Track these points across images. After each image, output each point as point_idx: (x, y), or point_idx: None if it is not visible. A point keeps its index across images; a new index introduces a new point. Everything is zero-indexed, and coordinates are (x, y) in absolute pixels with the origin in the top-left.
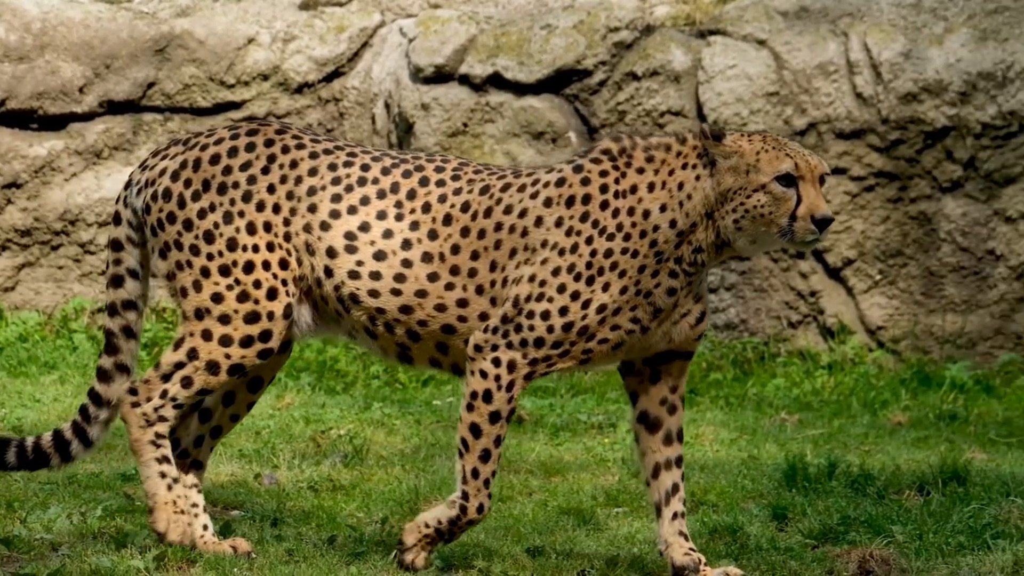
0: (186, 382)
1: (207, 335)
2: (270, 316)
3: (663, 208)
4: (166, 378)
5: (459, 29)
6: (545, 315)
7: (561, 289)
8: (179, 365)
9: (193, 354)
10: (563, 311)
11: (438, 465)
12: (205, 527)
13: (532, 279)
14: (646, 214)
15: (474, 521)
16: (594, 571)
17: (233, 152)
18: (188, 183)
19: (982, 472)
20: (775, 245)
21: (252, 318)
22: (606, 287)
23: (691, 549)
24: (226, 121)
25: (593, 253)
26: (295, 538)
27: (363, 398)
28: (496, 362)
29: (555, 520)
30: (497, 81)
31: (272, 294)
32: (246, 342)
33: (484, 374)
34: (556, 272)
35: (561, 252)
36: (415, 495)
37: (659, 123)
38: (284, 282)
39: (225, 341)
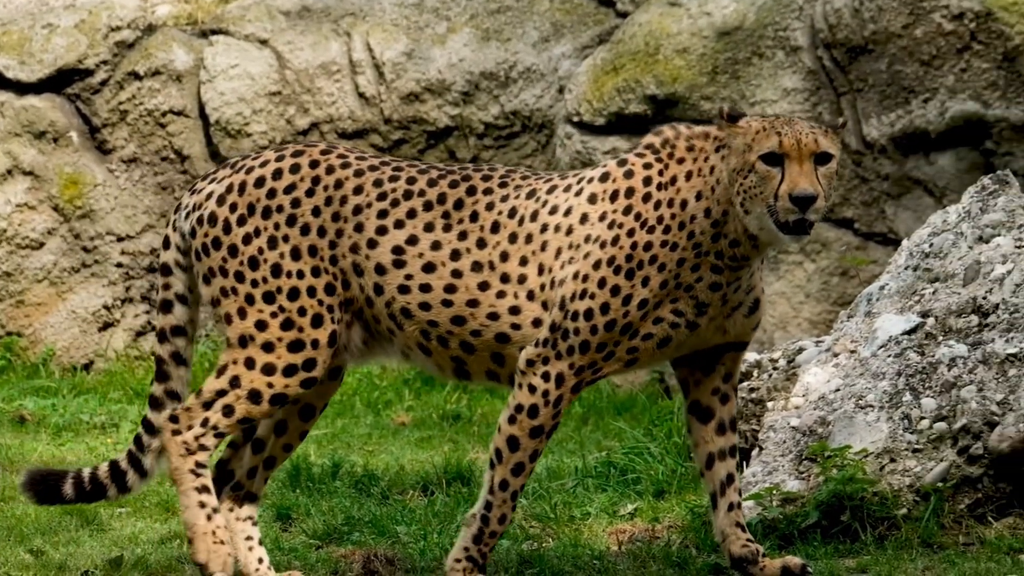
0: (228, 410)
1: (250, 363)
2: (315, 344)
3: (699, 196)
4: (207, 406)
5: None
6: (588, 315)
7: (602, 284)
8: (221, 393)
9: (235, 382)
10: (604, 308)
11: None
12: (260, 560)
13: (576, 276)
14: (683, 204)
15: (496, 532)
16: (98, 571)
17: (278, 174)
18: (234, 207)
19: None
20: (775, 233)
21: (296, 346)
22: (645, 281)
23: (749, 540)
24: None
25: (634, 246)
26: None
27: None
28: (546, 376)
29: (58, 521)
30: None
31: (317, 321)
32: (289, 371)
33: (533, 388)
34: (596, 266)
35: (601, 245)
36: None
37: (161, 123)
38: (330, 308)
39: (268, 370)
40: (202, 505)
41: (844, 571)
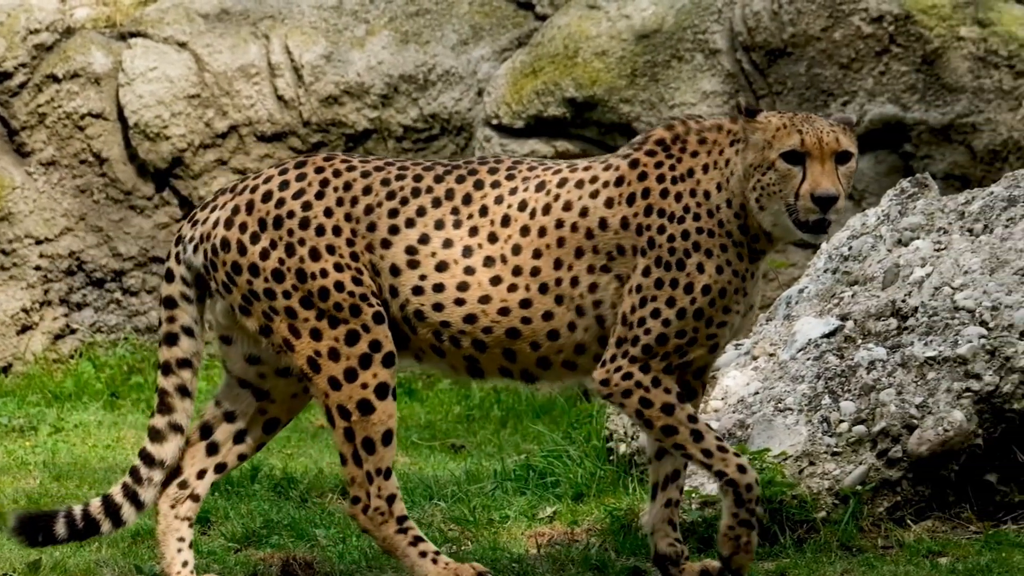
0: (368, 445)
1: (335, 384)
2: (366, 328)
3: (719, 187)
4: (356, 461)
5: None
6: (656, 314)
7: (659, 284)
8: (348, 436)
9: (344, 412)
10: (671, 302)
11: None
12: (185, 563)
13: (631, 291)
14: (707, 195)
15: (751, 484)
16: (16, 574)
17: (284, 186)
18: (244, 227)
19: (405, 476)
20: (791, 228)
21: (353, 337)
22: (700, 268)
23: (676, 540)
24: None
25: (671, 239)
26: None
27: None
28: (627, 376)
29: None
30: None
31: (356, 311)
32: (365, 361)
33: (628, 393)
34: (647, 272)
35: (643, 253)
36: None
37: (80, 125)
38: (363, 296)
39: (351, 375)
40: (423, 554)
41: (763, 574)
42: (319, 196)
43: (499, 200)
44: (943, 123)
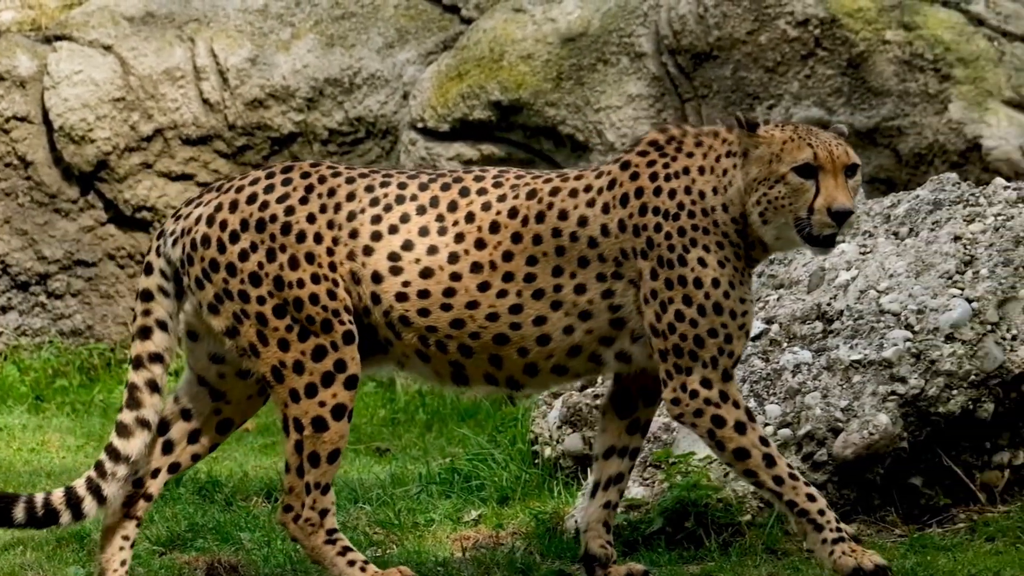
0: (313, 459)
1: (295, 395)
2: (334, 346)
3: (715, 191)
4: (299, 471)
5: None
6: (679, 316)
7: (669, 285)
8: (297, 447)
9: (298, 425)
10: (687, 300)
11: None
12: (123, 563)
13: (647, 300)
14: (701, 194)
15: (824, 509)
16: None
17: (270, 189)
18: (224, 225)
19: (333, 479)
20: (797, 242)
21: (320, 353)
22: (702, 262)
23: (608, 543)
24: None
25: (668, 236)
26: None
27: None
28: (694, 394)
29: None
30: None
31: (327, 326)
32: (327, 380)
33: (699, 413)
34: (654, 275)
35: (643, 255)
36: None
37: (4, 128)
38: (335, 312)
39: (311, 391)
40: (351, 563)
41: None
42: (303, 201)
43: (487, 207)
44: (868, 126)
